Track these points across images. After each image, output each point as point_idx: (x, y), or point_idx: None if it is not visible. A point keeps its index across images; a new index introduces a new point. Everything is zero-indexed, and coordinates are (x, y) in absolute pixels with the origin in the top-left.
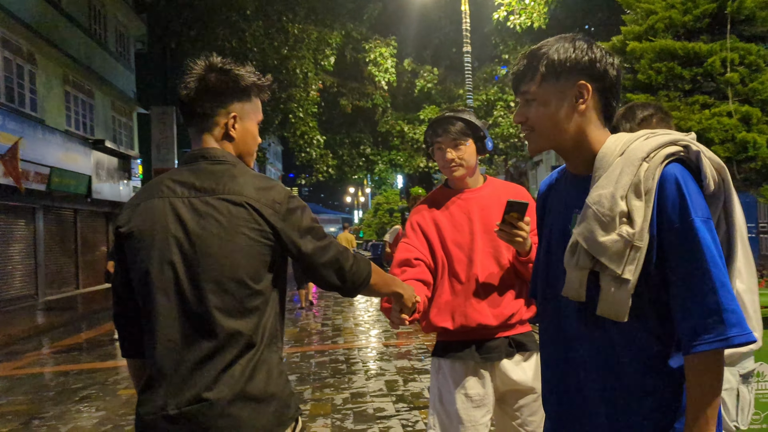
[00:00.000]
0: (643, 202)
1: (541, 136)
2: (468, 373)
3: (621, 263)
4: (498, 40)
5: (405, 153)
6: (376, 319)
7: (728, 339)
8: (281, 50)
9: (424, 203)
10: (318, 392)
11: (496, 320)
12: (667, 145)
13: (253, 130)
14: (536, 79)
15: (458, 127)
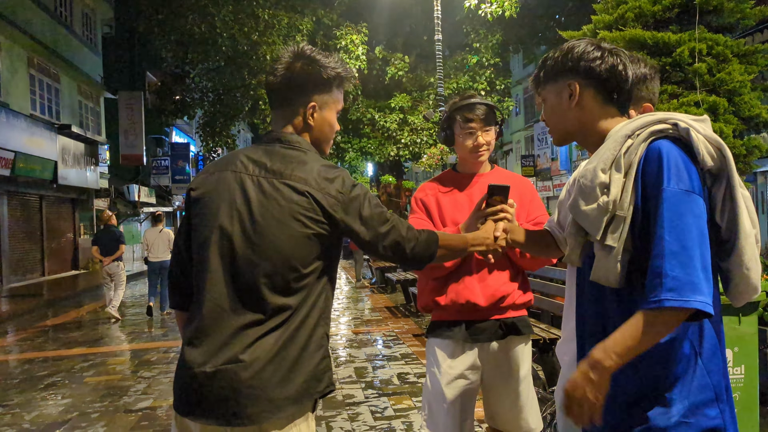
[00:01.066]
0: (621, 174)
1: (552, 130)
2: (456, 352)
3: (599, 230)
4: (469, 28)
5: (375, 141)
6: (346, 306)
7: (660, 301)
8: (251, 36)
9: (430, 183)
10: None
11: (486, 301)
12: (654, 124)
13: (330, 120)
14: (540, 83)
15: (487, 112)
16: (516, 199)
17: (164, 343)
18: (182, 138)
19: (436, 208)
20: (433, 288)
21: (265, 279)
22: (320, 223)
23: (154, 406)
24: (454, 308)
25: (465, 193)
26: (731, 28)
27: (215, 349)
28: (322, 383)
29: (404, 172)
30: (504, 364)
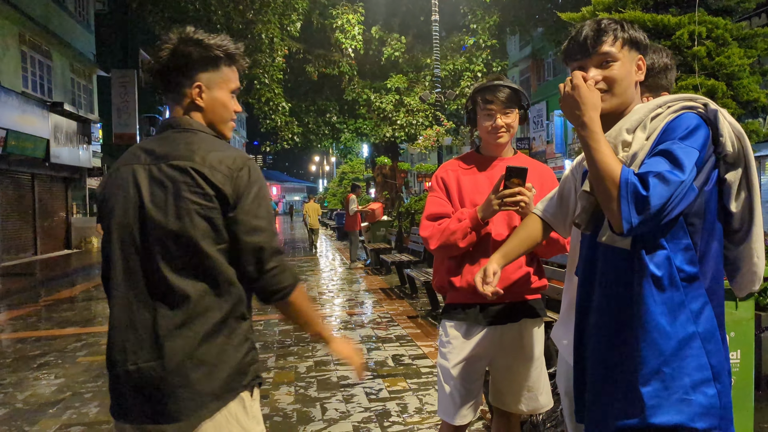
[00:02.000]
0: (644, 134)
1: (616, 95)
2: (469, 334)
3: None
4: (466, 9)
5: (371, 122)
6: (340, 288)
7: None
8: (246, 14)
9: (452, 161)
10: (281, 360)
11: (501, 283)
12: (687, 100)
13: (222, 99)
14: (617, 44)
15: (508, 94)
16: (537, 185)
17: None
18: None
19: (456, 188)
20: (448, 268)
21: (167, 265)
22: (209, 197)
23: None
24: (468, 290)
25: (486, 174)
26: (731, 11)
27: (132, 346)
28: (248, 376)
29: (400, 154)
30: (518, 346)
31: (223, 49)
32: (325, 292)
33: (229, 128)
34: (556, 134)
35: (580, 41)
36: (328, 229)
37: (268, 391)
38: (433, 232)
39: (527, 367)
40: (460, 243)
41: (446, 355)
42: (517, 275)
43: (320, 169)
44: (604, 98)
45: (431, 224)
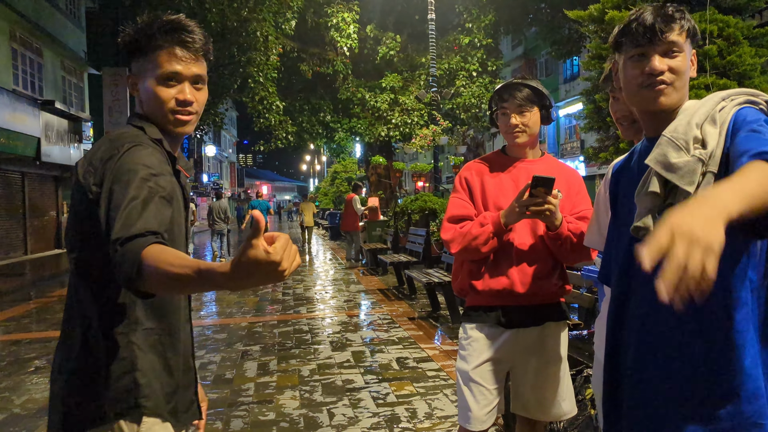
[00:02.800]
0: (717, 129)
1: (678, 90)
2: (490, 337)
3: (694, 182)
4: (462, 8)
5: (365, 121)
6: (338, 288)
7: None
8: (241, 12)
9: (476, 162)
10: (284, 363)
11: (523, 287)
12: (749, 95)
13: (150, 89)
14: (683, 34)
15: (525, 93)
16: (563, 190)
17: None
18: None
19: (480, 189)
20: (469, 271)
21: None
22: (82, 191)
23: None
24: (490, 293)
25: (510, 176)
26: (741, 10)
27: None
28: (122, 403)
29: (394, 153)
30: (540, 349)
31: (144, 31)
32: (322, 293)
33: (171, 122)
34: (548, 134)
35: (647, 25)
36: (320, 228)
37: (272, 395)
38: (455, 235)
39: (550, 371)
40: (482, 248)
41: (466, 357)
42: (541, 278)
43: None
44: (667, 92)
45: (453, 227)
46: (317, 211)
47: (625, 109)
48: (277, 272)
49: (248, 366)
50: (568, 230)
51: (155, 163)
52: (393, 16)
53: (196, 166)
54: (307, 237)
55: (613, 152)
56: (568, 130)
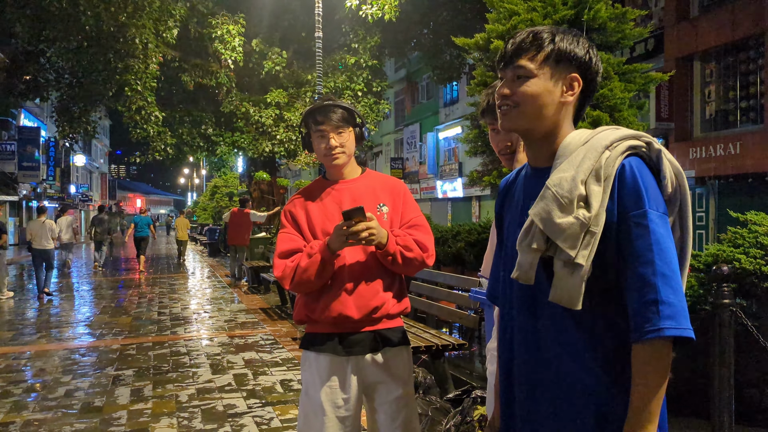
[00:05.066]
0: (601, 187)
1: (523, 114)
2: (332, 366)
3: (576, 246)
4: (348, 28)
5: (249, 136)
6: (218, 308)
7: (660, 330)
8: (119, 16)
9: (299, 194)
10: (160, 388)
11: (358, 312)
12: (630, 138)
13: None
14: (538, 58)
15: (339, 114)
16: (387, 202)
17: (11, 348)
18: (32, 121)
19: (305, 219)
20: (306, 301)
21: None
22: None
23: (5, 422)
24: (326, 321)
25: (332, 199)
26: (612, 47)
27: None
28: None
29: (278, 169)
30: (380, 376)
31: None
32: (201, 312)
33: None
34: (429, 155)
35: (502, 51)
36: (198, 244)
37: (147, 423)
38: (285, 271)
39: (392, 398)
40: (314, 279)
41: (308, 388)
42: (377, 301)
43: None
44: (511, 115)
45: (283, 262)
46: (195, 226)
47: (505, 140)
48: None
49: (120, 392)
50: (396, 244)
51: None
52: (280, 31)
53: (63, 175)
54: (182, 251)
55: (497, 176)
56: (447, 152)
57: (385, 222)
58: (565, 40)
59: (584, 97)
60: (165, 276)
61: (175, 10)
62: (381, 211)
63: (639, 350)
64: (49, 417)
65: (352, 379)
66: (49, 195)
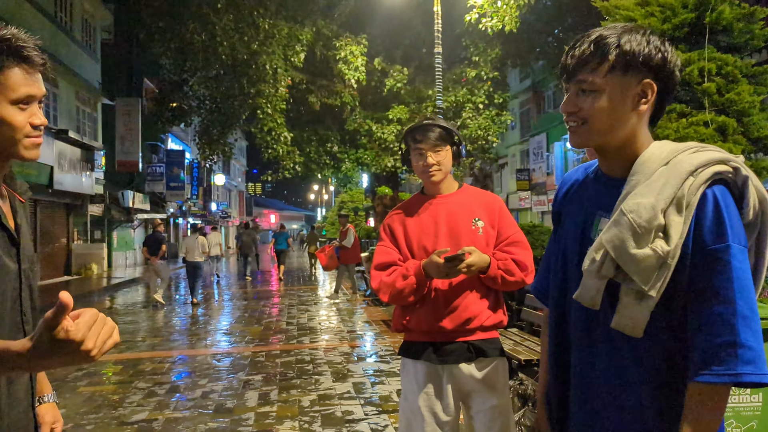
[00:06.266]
0: (682, 218)
1: (594, 131)
2: (428, 373)
3: (650, 279)
4: (469, 41)
5: (372, 152)
6: (341, 319)
7: (738, 375)
8: (251, 45)
9: (398, 208)
10: (284, 393)
11: (452, 323)
12: (717, 163)
13: (1, 114)
14: (602, 70)
15: (437, 133)
16: (484, 218)
17: (159, 353)
18: (178, 145)
19: (403, 234)
20: (402, 312)
21: None
22: None
23: (149, 419)
24: (421, 331)
25: (429, 214)
26: (740, 48)
27: None
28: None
29: (400, 184)
30: (475, 385)
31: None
32: (326, 323)
33: (24, 147)
34: (556, 166)
35: (564, 62)
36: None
37: (272, 425)
38: (382, 285)
39: (485, 409)
40: (409, 299)
41: (407, 394)
42: (470, 313)
43: (318, 198)
44: (580, 132)
45: (380, 275)
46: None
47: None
48: (80, 353)
49: (249, 395)
50: (498, 268)
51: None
52: (401, 49)
53: (205, 195)
54: (313, 263)
55: None
56: (576, 162)
57: (480, 236)
58: (632, 42)
59: (662, 98)
60: (295, 288)
61: (302, 35)
62: (476, 225)
63: (700, 389)
64: (186, 416)
65: (447, 387)
66: (193, 212)
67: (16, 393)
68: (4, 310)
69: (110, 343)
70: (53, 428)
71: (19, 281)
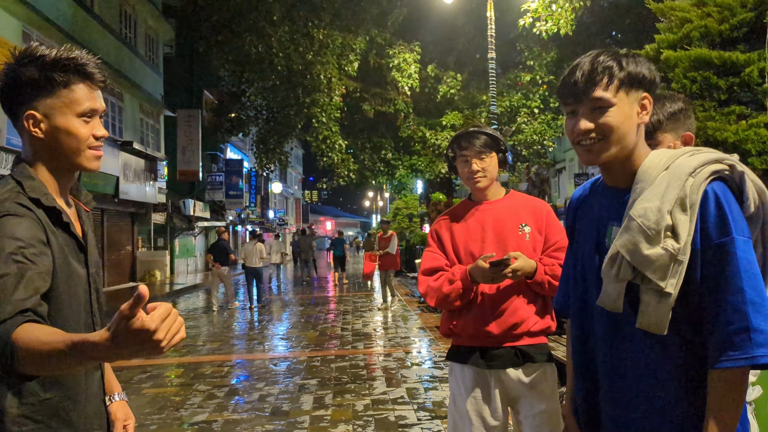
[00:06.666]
0: (687, 216)
1: (609, 145)
2: (475, 378)
3: (666, 277)
4: (523, 46)
5: (426, 158)
6: (396, 325)
7: (754, 358)
8: (306, 55)
9: (445, 214)
10: (339, 397)
11: (498, 328)
12: (713, 163)
13: (66, 126)
14: (613, 87)
15: (482, 140)
16: (531, 223)
17: (218, 356)
18: (236, 154)
19: (450, 239)
20: (449, 316)
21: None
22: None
23: (209, 420)
24: (467, 335)
25: (476, 220)
26: None
27: None
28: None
29: (455, 190)
30: (522, 390)
31: (59, 67)
32: (380, 329)
33: (87, 158)
34: None
35: (571, 84)
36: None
37: (326, 429)
38: (429, 290)
39: (534, 414)
40: (455, 303)
41: (456, 398)
42: (517, 318)
43: (374, 205)
44: (598, 148)
45: (426, 280)
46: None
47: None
48: (152, 342)
49: (305, 399)
50: (545, 273)
51: (24, 234)
52: (454, 55)
53: (262, 203)
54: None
55: None
56: None
57: (527, 242)
58: (632, 63)
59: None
60: (350, 294)
61: (356, 44)
62: (523, 231)
63: (720, 376)
64: (244, 418)
65: (495, 392)
66: (251, 220)
67: (91, 388)
68: (78, 313)
69: (178, 337)
70: (126, 425)
71: (88, 285)
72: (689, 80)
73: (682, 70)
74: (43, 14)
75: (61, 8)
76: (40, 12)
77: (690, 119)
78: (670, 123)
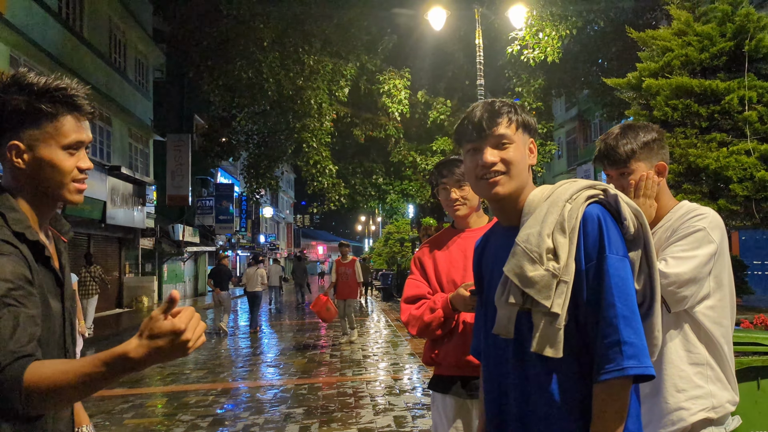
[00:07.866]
0: (567, 239)
1: (512, 179)
2: (457, 408)
3: (550, 297)
4: (511, 73)
5: (417, 183)
6: (385, 351)
7: (623, 369)
8: (297, 81)
9: (428, 242)
10: (325, 426)
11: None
12: (588, 189)
13: (52, 159)
14: (513, 126)
15: (462, 168)
16: None
17: (203, 385)
18: (227, 179)
19: (432, 267)
20: (431, 343)
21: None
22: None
23: None
24: (449, 364)
25: (457, 247)
26: None
27: None
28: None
29: (445, 215)
30: None
31: (47, 98)
32: (369, 356)
33: (70, 191)
34: None
35: (475, 123)
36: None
37: None
38: (410, 318)
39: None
40: (437, 332)
41: (437, 427)
42: None
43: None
44: (503, 181)
45: (409, 308)
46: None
47: None
48: (180, 342)
49: (290, 429)
50: None
51: (12, 274)
52: (444, 81)
53: (253, 227)
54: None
55: None
56: None
57: None
58: (522, 111)
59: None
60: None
61: (346, 70)
62: None
63: (600, 390)
64: None
65: (476, 422)
66: (242, 245)
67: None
68: (53, 349)
69: (201, 340)
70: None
71: (63, 319)
72: (671, 108)
73: (663, 98)
74: (31, 39)
75: (50, 33)
76: (28, 36)
77: (664, 149)
78: (643, 152)
